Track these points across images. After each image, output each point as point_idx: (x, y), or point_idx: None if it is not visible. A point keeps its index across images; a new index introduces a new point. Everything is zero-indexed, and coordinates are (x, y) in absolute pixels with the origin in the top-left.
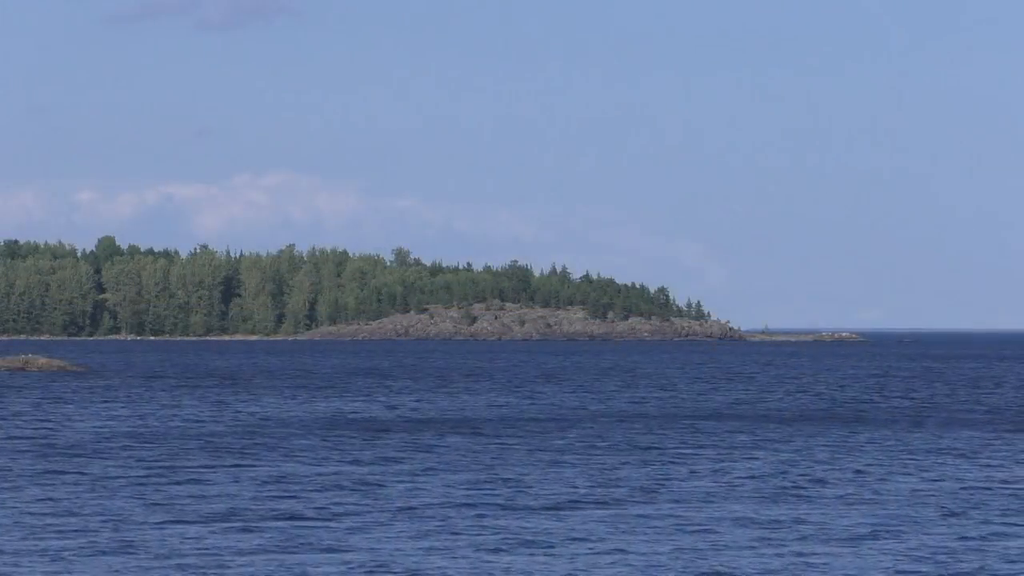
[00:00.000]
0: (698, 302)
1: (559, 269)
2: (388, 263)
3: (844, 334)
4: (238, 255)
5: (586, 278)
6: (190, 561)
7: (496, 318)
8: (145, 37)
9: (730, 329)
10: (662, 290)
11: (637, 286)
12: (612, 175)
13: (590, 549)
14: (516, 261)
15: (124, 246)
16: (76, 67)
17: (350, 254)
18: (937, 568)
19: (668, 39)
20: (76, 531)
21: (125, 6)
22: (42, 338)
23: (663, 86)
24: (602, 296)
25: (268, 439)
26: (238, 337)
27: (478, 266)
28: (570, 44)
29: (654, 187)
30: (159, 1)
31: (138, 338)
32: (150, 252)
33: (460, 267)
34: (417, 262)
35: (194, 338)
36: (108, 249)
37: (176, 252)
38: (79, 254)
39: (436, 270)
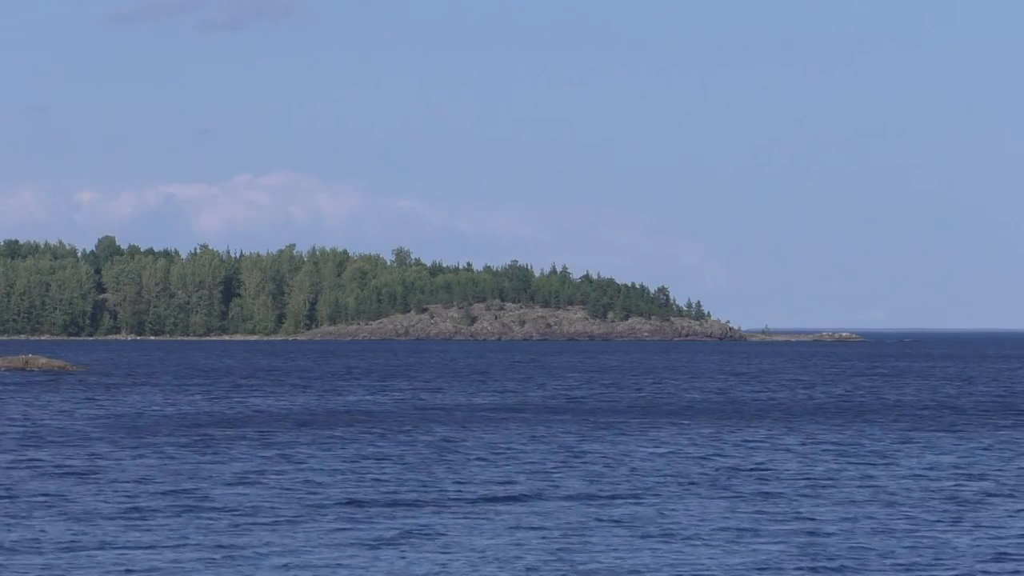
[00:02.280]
0: (698, 302)
1: (559, 269)
2: (388, 263)
3: (844, 334)
4: (238, 255)
5: (586, 278)
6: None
7: (496, 318)
8: (147, 37)
9: (730, 329)
10: (662, 290)
11: (637, 286)
12: (612, 175)
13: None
14: (516, 261)
15: (124, 246)
16: (77, 67)
17: (350, 254)
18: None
19: (668, 40)
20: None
21: (127, 6)
22: (42, 338)
23: (663, 86)
24: (602, 296)
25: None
26: (238, 337)
27: (478, 266)
28: (570, 44)
29: (654, 187)
30: (161, 1)
31: (138, 338)
32: (150, 252)
33: (460, 267)
34: (417, 262)
35: (194, 338)
36: (108, 249)
37: (176, 252)
38: (79, 254)
39: (436, 270)
